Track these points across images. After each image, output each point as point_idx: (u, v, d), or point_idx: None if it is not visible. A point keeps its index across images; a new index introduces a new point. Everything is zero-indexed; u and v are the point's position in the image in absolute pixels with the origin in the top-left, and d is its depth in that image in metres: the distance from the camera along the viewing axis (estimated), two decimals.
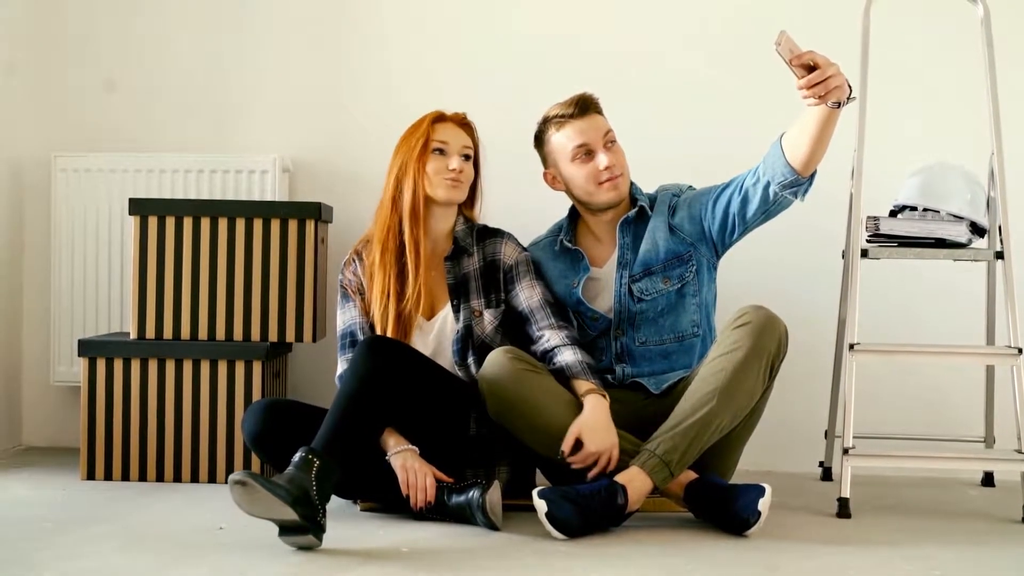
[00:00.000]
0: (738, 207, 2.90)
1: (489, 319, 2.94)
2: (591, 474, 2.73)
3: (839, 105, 2.60)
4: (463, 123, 3.00)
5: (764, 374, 2.75)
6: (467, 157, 2.97)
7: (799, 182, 2.78)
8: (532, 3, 3.65)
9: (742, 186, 2.89)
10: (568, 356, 2.85)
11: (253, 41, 3.69)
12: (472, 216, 3.04)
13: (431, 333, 2.95)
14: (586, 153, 2.95)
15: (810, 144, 2.70)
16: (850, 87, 2.61)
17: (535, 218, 3.18)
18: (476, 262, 2.98)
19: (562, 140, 2.98)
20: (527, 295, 2.95)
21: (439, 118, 2.98)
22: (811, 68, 2.55)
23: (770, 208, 2.87)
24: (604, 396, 2.79)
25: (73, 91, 3.71)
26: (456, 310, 2.94)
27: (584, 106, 2.97)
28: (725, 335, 2.77)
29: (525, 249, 3.03)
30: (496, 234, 3.02)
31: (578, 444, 2.73)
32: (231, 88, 3.69)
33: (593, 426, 2.73)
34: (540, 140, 3.04)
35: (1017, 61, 3.37)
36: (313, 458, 2.53)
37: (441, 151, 2.93)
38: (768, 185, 2.81)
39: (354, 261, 3.00)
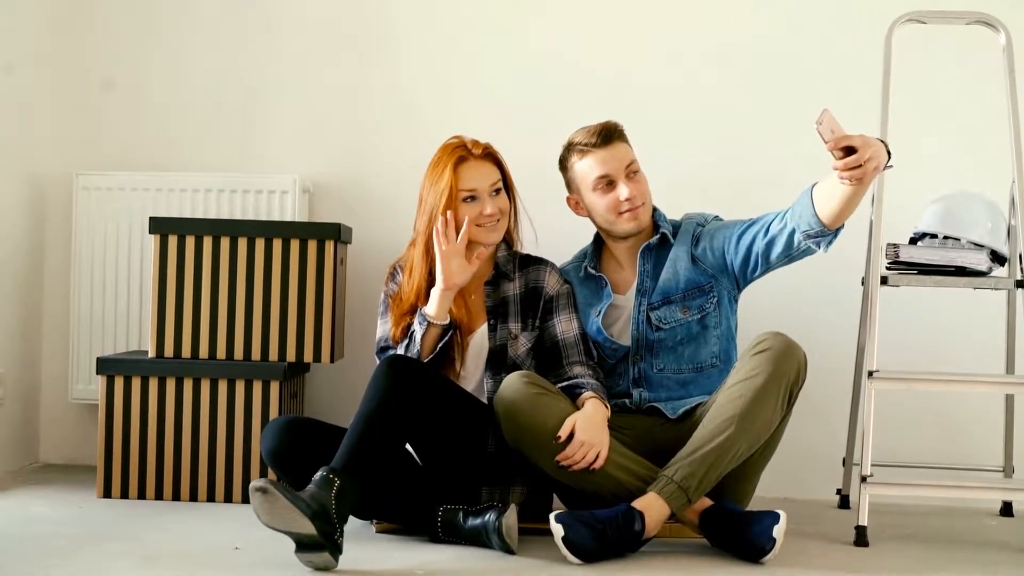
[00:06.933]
0: (762, 248, 2.88)
1: (523, 342, 2.94)
2: (573, 467, 2.70)
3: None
4: (486, 154, 2.93)
5: (783, 401, 2.74)
6: (497, 191, 2.92)
7: (824, 234, 2.75)
8: (552, 25, 3.65)
9: (768, 228, 2.86)
10: (587, 380, 2.85)
11: (274, 62, 3.70)
12: (513, 240, 3.02)
13: (466, 351, 2.95)
14: (607, 184, 2.95)
15: (840, 205, 2.68)
16: (889, 153, 2.59)
17: (556, 239, 3.17)
18: (517, 287, 2.98)
19: (584, 169, 2.97)
20: (564, 328, 2.94)
21: (461, 159, 2.89)
22: (849, 148, 2.53)
23: (793, 254, 2.85)
24: (606, 406, 2.80)
25: (95, 111, 3.72)
26: (492, 329, 2.94)
27: (607, 135, 2.94)
28: (744, 361, 2.76)
29: (567, 281, 3.02)
30: (540, 262, 3.01)
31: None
32: (252, 108, 3.71)
33: (589, 419, 2.74)
34: (564, 165, 3.03)
35: None
36: (334, 477, 2.53)
37: (472, 198, 2.89)
38: (794, 232, 2.80)
39: (397, 272, 2.99)
